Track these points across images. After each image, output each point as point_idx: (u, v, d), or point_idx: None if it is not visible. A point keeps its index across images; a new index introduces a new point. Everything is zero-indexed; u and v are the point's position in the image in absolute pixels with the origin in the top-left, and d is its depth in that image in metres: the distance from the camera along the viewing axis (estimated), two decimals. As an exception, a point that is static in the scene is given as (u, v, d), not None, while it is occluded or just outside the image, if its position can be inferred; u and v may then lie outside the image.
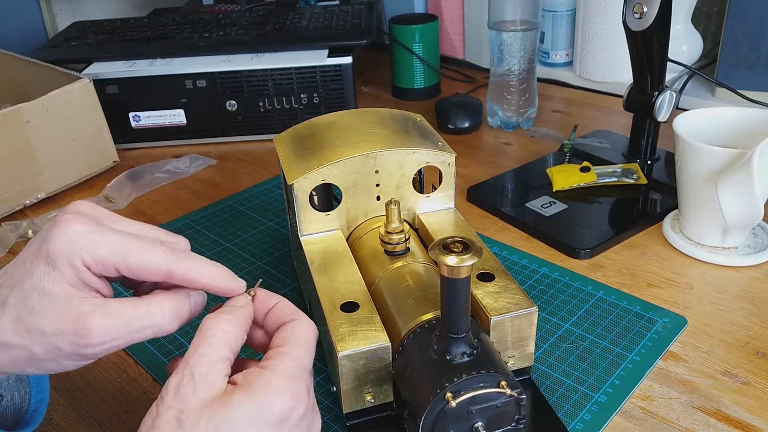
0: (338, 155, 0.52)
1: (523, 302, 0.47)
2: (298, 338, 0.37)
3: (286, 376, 0.35)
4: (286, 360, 0.36)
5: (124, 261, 0.36)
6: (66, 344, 0.35)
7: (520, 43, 0.88)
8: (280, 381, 0.35)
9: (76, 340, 0.35)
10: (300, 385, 0.35)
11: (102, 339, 0.35)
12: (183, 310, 0.38)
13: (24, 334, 0.35)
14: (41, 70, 0.90)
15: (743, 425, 0.47)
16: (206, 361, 0.34)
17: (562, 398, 0.50)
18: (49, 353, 0.35)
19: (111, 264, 0.36)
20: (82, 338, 0.35)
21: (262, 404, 0.33)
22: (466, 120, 0.94)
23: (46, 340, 0.35)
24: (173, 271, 0.37)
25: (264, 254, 0.69)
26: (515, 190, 0.78)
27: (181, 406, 0.33)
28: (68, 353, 0.35)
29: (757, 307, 0.58)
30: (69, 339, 0.35)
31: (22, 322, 0.35)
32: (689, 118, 0.65)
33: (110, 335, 0.35)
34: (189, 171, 0.89)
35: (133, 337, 0.36)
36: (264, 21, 1.05)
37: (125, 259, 0.36)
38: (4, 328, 0.35)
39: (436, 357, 0.41)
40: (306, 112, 0.94)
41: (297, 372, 0.35)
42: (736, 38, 0.88)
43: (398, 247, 0.50)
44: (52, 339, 0.35)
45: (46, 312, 0.35)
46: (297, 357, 0.36)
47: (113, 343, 0.35)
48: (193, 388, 0.33)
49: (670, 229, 0.68)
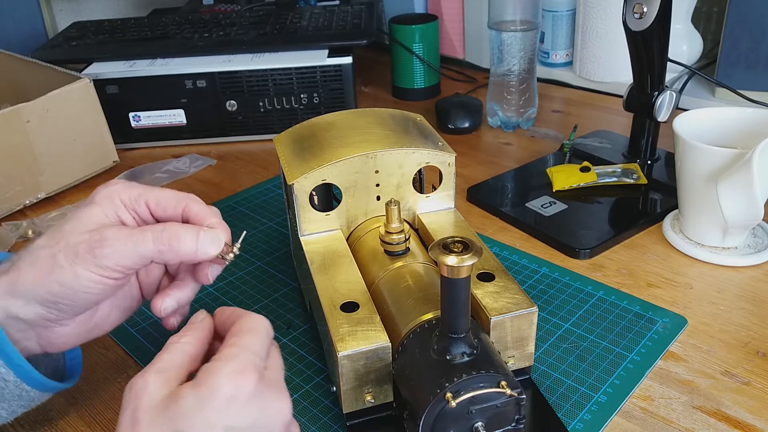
0: (338, 155, 0.52)
1: (523, 302, 0.47)
2: (243, 329, 0.39)
3: (228, 359, 0.36)
4: (228, 348, 0.37)
5: (154, 195, 0.44)
6: (83, 248, 0.40)
7: (520, 43, 0.88)
8: (221, 365, 0.36)
9: (91, 243, 0.40)
10: (244, 365, 0.36)
11: (113, 243, 0.41)
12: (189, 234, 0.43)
13: (53, 245, 0.41)
14: (41, 70, 0.90)
15: (743, 425, 0.47)
16: (163, 365, 0.37)
17: (562, 398, 0.50)
18: (69, 259, 0.40)
19: (143, 199, 0.44)
20: (97, 241, 0.40)
21: (206, 391, 0.35)
22: (466, 120, 0.94)
23: (67, 246, 0.41)
24: (188, 205, 0.45)
25: (264, 254, 0.69)
26: (515, 190, 0.78)
27: (136, 404, 0.35)
28: (83, 257, 0.40)
29: (757, 307, 0.58)
30: (87, 243, 0.41)
31: (53, 233, 0.42)
32: (689, 118, 0.65)
33: (119, 240, 0.41)
34: (189, 171, 0.89)
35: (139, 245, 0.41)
36: (264, 21, 1.05)
37: (155, 194, 0.45)
38: (42, 241, 0.42)
39: (436, 357, 0.41)
40: (306, 112, 0.94)
41: (240, 354, 0.37)
42: (736, 38, 0.88)
43: (398, 247, 0.50)
44: (73, 245, 0.41)
45: (76, 227, 0.42)
46: (240, 343, 0.38)
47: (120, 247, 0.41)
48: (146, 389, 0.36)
49: (670, 229, 0.68)
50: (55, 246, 0.41)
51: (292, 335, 0.58)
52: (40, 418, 0.51)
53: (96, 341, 0.58)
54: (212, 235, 0.44)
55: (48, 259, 0.41)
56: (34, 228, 0.76)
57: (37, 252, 0.41)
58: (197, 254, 0.43)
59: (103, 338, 0.59)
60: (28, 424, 0.50)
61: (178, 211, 0.45)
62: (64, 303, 0.42)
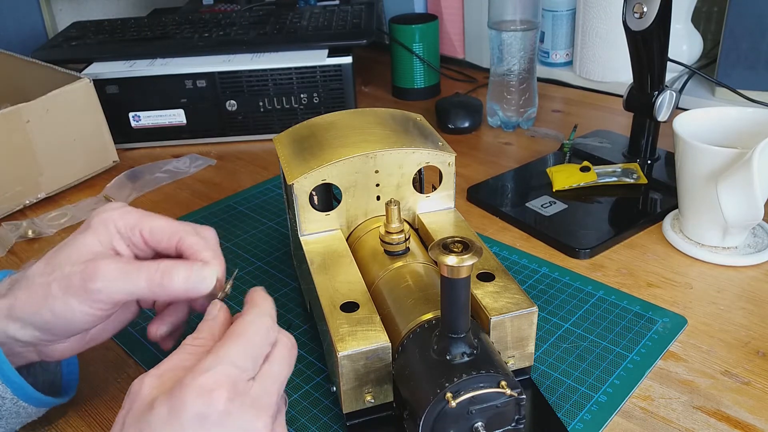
0: (338, 155, 0.52)
1: (523, 302, 0.47)
2: (231, 333, 0.38)
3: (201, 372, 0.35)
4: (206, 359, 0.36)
5: (148, 224, 0.44)
6: (77, 279, 0.41)
7: (520, 43, 0.88)
8: (191, 379, 0.34)
9: (85, 276, 0.40)
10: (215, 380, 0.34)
11: (106, 276, 0.41)
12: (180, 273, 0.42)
13: (48, 272, 0.41)
14: (41, 70, 0.90)
15: (743, 425, 0.47)
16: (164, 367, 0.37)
17: (562, 398, 0.50)
18: (62, 289, 0.41)
19: (137, 228, 0.44)
20: (90, 274, 0.40)
21: (176, 404, 0.34)
22: (466, 120, 0.94)
23: (62, 276, 0.41)
24: (182, 239, 0.44)
25: (264, 254, 0.69)
26: (515, 190, 0.78)
27: (130, 406, 0.35)
28: (76, 288, 0.40)
29: (757, 307, 0.58)
30: (80, 275, 0.41)
31: (50, 260, 0.42)
32: (689, 117, 0.65)
33: (113, 275, 0.41)
34: (189, 171, 0.89)
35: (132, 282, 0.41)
36: (264, 21, 1.05)
37: (149, 223, 0.44)
38: (38, 267, 0.42)
39: (436, 357, 0.41)
40: (306, 112, 0.94)
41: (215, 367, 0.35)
42: (736, 38, 0.88)
43: (398, 247, 0.50)
44: (67, 275, 0.41)
45: (72, 255, 0.42)
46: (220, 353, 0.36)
47: (113, 283, 0.41)
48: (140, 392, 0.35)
49: (670, 228, 0.68)
50: (51, 275, 0.41)
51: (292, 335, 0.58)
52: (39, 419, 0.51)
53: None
54: (203, 274, 0.42)
55: (43, 287, 0.41)
56: (34, 228, 0.76)
57: (33, 279, 0.42)
58: (188, 294, 0.42)
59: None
60: (27, 425, 0.50)
61: (172, 243, 0.44)
62: (58, 329, 0.42)
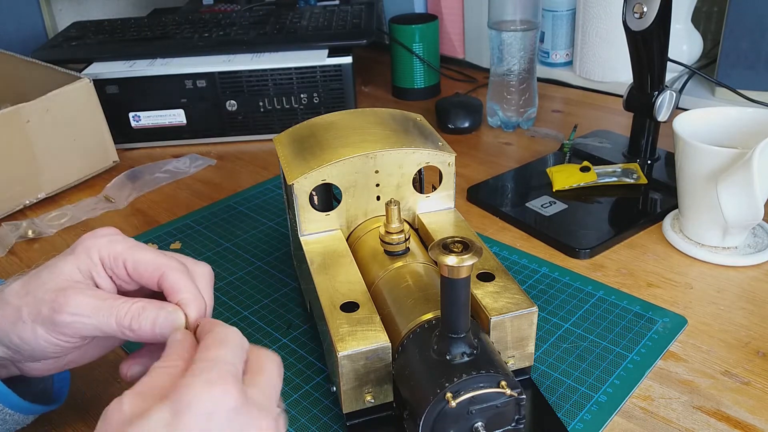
0: (338, 155, 0.52)
1: (523, 302, 0.47)
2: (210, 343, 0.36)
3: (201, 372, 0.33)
4: (198, 363, 0.34)
5: (132, 256, 0.42)
6: (46, 308, 0.39)
7: (520, 43, 0.88)
8: (192, 378, 0.33)
9: (54, 306, 0.39)
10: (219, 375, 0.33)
11: (74, 310, 0.39)
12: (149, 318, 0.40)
13: (22, 295, 0.40)
14: (41, 70, 0.90)
15: (743, 425, 0.47)
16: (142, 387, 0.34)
17: (562, 398, 0.50)
18: (32, 316, 0.39)
19: (121, 259, 0.42)
20: (59, 305, 0.39)
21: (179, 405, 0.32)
22: (466, 120, 0.94)
23: (33, 302, 0.40)
24: (165, 275, 0.41)
25: (264, 254, 0.69)
26: (515, 190, 0.78)
27: (106, 428, 0.33)
28: (44, 318, 0.39)
29: (757, 307, 0.58)
30: (50, 304, 0.39)
31: (27, 283, 0.41)
32: (689, 118, 0.65)
33: (82, 310, 0.39)
34: (189, 171, 0.89)
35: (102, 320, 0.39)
36: (264, 21, 1.05)
37: (133, 255, 0.42)
38: (15, 287, 0.41)
39: (436, 357, 0.41)
40: (306, 112, 0.94)
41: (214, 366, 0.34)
42: (736, 38, 0.88)
43: (398, 247, 0.50)
44: (38, 302, 0.39)
45: (47, 281, 0.40)
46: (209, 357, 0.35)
47: (82, 318, 0.39)
48: (119, 410, 0.33)
49: (670, 229, 0.68)
50: (24, 298, 0.40)
51: (292, 335, 0.58)
52: (39, 419, 0.51)
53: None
54: (172, 319, 0.40)
55: (15, 311, 0.40)
56: (34, 228, 0.76)
57: (8, 299, 0.41)
58: (158, 339, 0.40)
59: (103, 338, 0.59)
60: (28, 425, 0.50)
61: (154, 278, 0.42)
62: (26, 352, 0.41)
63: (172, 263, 0.42)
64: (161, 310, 0.40)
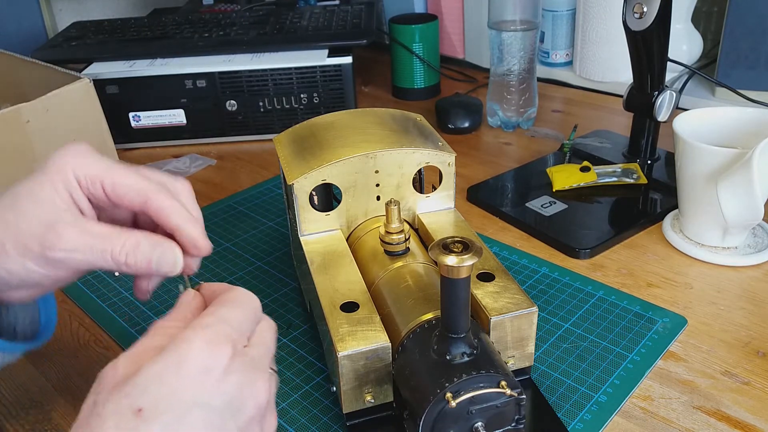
0: (338, 155, 0.52)
1: (523, 302, 0.47)
2: (222, 300, 0.36)
3: (201, 327, 0.33)
4: (202, 318, 0.34)
5: (111, 179, 0.39)
6: (35, 244, 0.37)
7: (520, 43, 0.88)
8: (191, 333, 0.33)
9: (45, 243, 0.37)
10: (217, 335, 0.33)
11: (68, 247, 0.37)
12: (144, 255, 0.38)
13: (3, 229, 0.37)
14: (41, 70, 0.90)
15: (743, 425, 0.47)
16: (137, 348, 0.34)
17: (562, 398, 0.50)
18: (18, 249, 0.37)
19: (99, 180, 0.39)
20: (51, 242, 0.37)
21: (173, 359, 0.31)
22: (466, 120, 0.94)
23: (19, 237, 0.37)
24: (150, 200, 0.39)
25: (264, 254, 0.69)
26: (515, 190, 0.78)
27: (100, 388, 0.32)
28: (35, 254, 0.37)
29: (757, 307, 0.58)
30: (39, 240, 0.37)
31: (3, 217, 0.37)
32: (689, 118, 0.65)
33: (75, 246, 0.37)
34: (189, 171, 0.89)
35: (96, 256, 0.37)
36: (264, 21, 1.05)
37: (112, 178, 0.39)
38: None
39: (436, 357, 0.41)
40: (306, 112, 0.94)
41: (214, 325, 0.34)
42: (736, 38, 0.88)
43: (398, 247, 0.50)
44: (25, 236, 0.37)
45: (28, 211, 0.37)
46: (216, 313, 0.35)
47: (75, 254, 0.37)
48: (113, 370, 0.33)
49: (670, 229, 0.68)
50: (5, 231, 0.37)
51: (292, 335, 0.58)
52: (40, 418, 0.51)
53: (96, 341, 0.59)
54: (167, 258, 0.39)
55: None
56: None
57: None
58: (153, 274, 0.39)
59: (103, 338, 0.59)
60: (28, 424, 0.50)
61: (136, 203, 0.39)
62: (12, 283, 0.39)
63: (153, 186, 0.39)
64: (156, 247, 0.39)
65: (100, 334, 0.59)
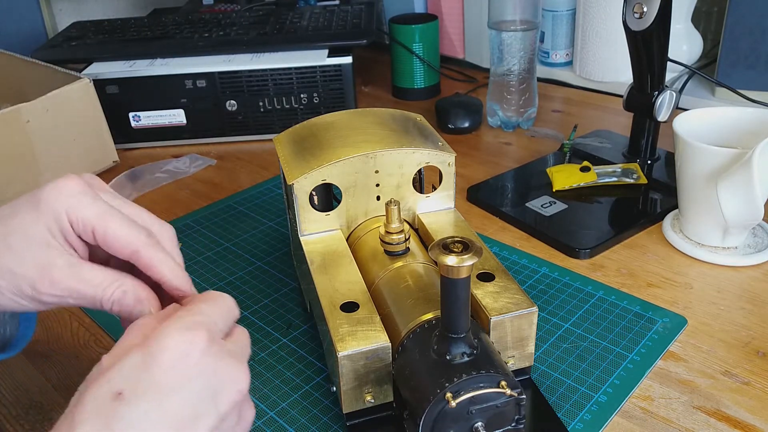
0: (338, 155, 0.52)
1: (523, 302, 0.47)
2: (198, 298, 0.37)
3: (177, 318, 0.34)
4: (180, 312, 0.35)
5: (103, 228, 0.38)
6: (28, 288, 0.37)
7: (520, 43, 0.88)
8: (169, 323, 0.34)
9: (37, 287, 0.37)
10: (193, 323, 0.34)
11: (60, 293, 0.38)
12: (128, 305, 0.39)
13: None
14: (41, 70, 0.90)
15: (743, 425, 0.47)
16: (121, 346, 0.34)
17: (562, 398, 0.50)
18: (11, 290, 0.38)
19: (90, 227, 0.38)
20: (44, 288, 0.37)
21: (154, 348, 0.32)
22: (466, 120, 0.94)
23: (12, 278, 0.37)
24: (139, 254, 0.39)
25: (264, 254, 0.69)
26: (515, 190, 0.78)
27: (87, 383, 0.33)
28: (28, 295, 0.38)
29: (757, 307, 0.58)
30: (32, 284, 0.37)
31: None
32: (689, 118, 0.65)
33: (68, 293, 0.38)
34: (189, 171, 0.89)
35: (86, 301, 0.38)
36: (264, 21, 1.05)
37: (104, 227, 0.38)
38: None
39: (436, 357, 0.41)
40: (306, 112, 0.94)
41: (189, 316, 0.35)
42: (736, 38, 0.88)
43: (398, 247, 0.50)
44: (18, 279, 0.37)
45: (21, 252, 0.37)
46: (192, 308, 0.36)
47: (67, 299, 0.38)
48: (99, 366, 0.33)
49: (670, 229, 0.68)
50: None
51: (292, 335, 0.58)
52: (40, 418, 0.51)
53: (96, 341, 0.59)
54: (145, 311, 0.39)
55: None
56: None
57: None
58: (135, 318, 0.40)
59: (103, 338, 0.59)
60: (28, 424, 0.50)
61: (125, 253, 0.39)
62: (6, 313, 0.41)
63: (142, 238, 0.39)
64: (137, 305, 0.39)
65: (100, 334, 0.59)
